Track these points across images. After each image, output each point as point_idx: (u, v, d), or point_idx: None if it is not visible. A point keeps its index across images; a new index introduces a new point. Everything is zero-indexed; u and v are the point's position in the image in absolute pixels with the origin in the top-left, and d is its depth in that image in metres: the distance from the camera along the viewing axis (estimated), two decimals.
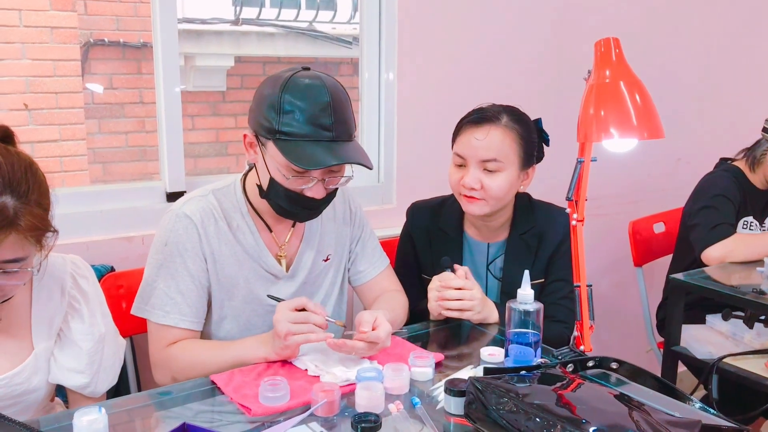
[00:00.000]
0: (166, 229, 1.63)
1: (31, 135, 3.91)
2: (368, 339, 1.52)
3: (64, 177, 4.10)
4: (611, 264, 3.14)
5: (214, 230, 1.65)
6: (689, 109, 3.29)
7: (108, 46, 4.39)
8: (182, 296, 1.61)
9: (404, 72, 2.48)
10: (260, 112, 1.55)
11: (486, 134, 1.81)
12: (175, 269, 1.61)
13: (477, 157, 1.82)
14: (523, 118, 1.87)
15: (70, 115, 4.07)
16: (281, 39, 4.82)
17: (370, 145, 2.52)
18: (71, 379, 1.48)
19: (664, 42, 3.13)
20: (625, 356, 3.05)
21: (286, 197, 1.58)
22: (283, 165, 1.53)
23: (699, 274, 2.27)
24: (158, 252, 1.63)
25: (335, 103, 1.52)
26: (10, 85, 3.84)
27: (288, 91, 1.51)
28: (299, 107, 1.50)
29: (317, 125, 1.50)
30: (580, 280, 1.55)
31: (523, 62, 2.73)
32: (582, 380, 1.39)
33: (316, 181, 1.56)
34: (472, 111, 1.89)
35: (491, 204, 1.84)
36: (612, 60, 1.43)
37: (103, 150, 4.37)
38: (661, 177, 3.24)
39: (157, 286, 1.62)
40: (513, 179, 1.85)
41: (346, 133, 1.55)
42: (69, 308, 1.46)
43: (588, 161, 1.50)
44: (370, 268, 1.89)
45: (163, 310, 1.61)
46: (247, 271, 1.68)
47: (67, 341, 1.47)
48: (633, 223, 2.78)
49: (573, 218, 1.55)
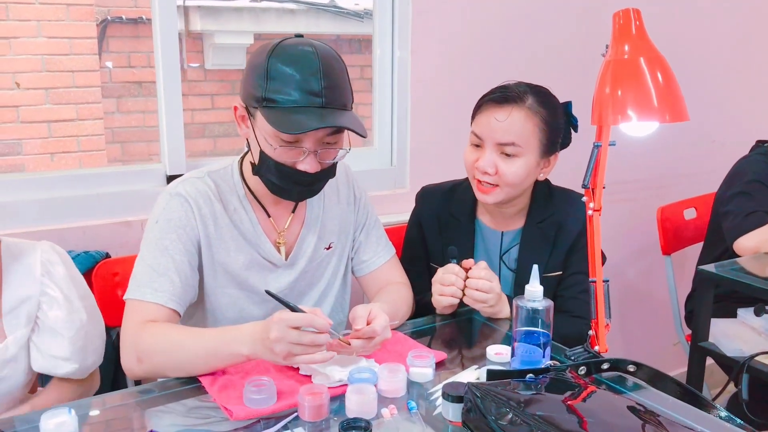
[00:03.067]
0: (158, 208, 1.54)
1: (48, 114, 3.86)
2: (364, 335, 1.40)
3: (81, 157, 4.05)
4: (639, 252, 2.99)
5: (209, 212, 1.55)
6: (724, 86, 3.10)
7: (125, 24, 4.31)
8: (167, 274, 1.49)
9: (418, 49, 2.35)
10: (249, 80, 1.45)
11: (507, 115, 1.68)
12: (164, 246, 1.50)
13: (494, 139, 1.70)
14: (551, 101, 1.73)
15: (87, 94, 4.01)
16: (302, 15, 4.68)
17: (382, 126, 2.41)
18: (60, 368, 1.44)
19: (697, 13, 2.94)
20: (653, 349, 2.97)
21: (277, 171, 1.47)
22: (270, 134, 1.43)
23: (731, 265, 2.12)
24: (150, 230, 1.53)
25: (326, 69, 1.41)
26: (26, 63, 3.79)
27: (275, 56, 1.41)
28: (287, 72, 1.40)
29: (306, 91, 1.40)
30: (596, 275, 1.42)
31: (544, 39, 2.57)
32: (594, 387, 1.27)
33: (308, 153, 1.45)
34: (496, 88, 1.75)
35: (505, 191, 1.72)
36: (632, 33, 1.28)
37: (121, 129, 4.31)
38: (694, 160, 3.06)
39: (143, 263, 1.50)
40: (531, 166, 1.71)
41: (338, 100, 1.44)
42: (43, 296, 1.40)
43: (606, 146, 1.37)
44: (375, 258, 1.78)
45: (151, 287, 1.47)
46: (243, 257, 1.59)
47: (47, 329, 1.42)
48: (662, 209, 2.62)
49: (589, 207, 1.42)
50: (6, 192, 1.90)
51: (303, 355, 1.29)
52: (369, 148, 2.43)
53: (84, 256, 1.87)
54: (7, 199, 1.90)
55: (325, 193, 1.66)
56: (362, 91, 2.47)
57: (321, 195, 1.64)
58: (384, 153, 2.43)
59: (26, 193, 1.93)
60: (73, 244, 1.92)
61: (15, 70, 3.73)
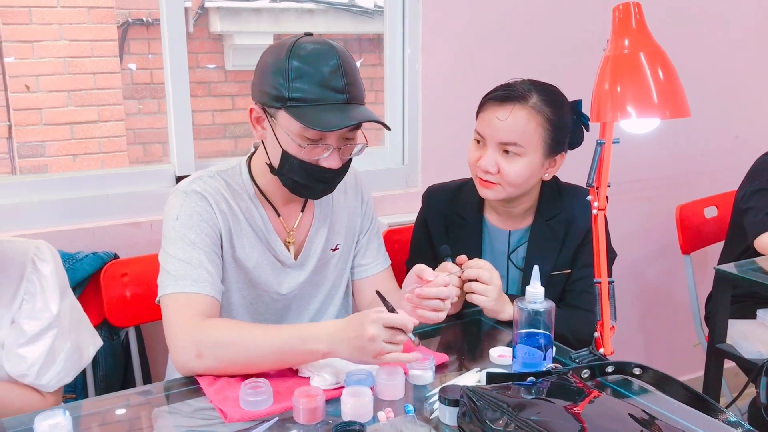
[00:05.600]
0: (175, 205, 1.51)
1: (70, 116, 3.90)
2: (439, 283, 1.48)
3: (103, 158, 4.09)
4: (659, 250, 2.93)
5: (227, 208, 1.54)
6: (748, 81, 3.02)
7: (146, 26, 4.35)
8: (204, 265, 1.46)
9: (429, 47, 2.33)
10: (266, 81, 1.44)
11: (509, 114, 1.65)
12: (192, 240, 1.47)
13: (496, 138, 1.67)
14: (557, 100, 1.69)
15: (108, 96, 4.05)
16: (321, 15, 4.68)
17: (394, 125, 2.38)
18: (9, 364, 1.37)
19: (723, 8, 2.86)
20: (673, 350, 2.91)
21: (302, 169, 1.47)
22: (296, 134, 1.43)
23: (749, 264, 2.07)
24: (171, 228, 1.49)
25: (345, 65, 1.42)
26: (48, 66, 3.84)
27: (295, 56, 1.41)
28: (308, 71, 1.40)
29: (329, 87, 1.41)
30: (600, 275, 1.39)
31: (556, 35, 2.52)
32: (597, 391, 1.24)
33: (332, 150, 1.45)
34: (500, 86, 1.72)
35: (507, 190, 1.68)
36: (632, 27, 1.25)
37: (142, 131, 4.35)
38: (716, 156, 2.99)
39: (175, 258, 1.46)
40: (535, 166, 1.68)
41: (358, 96, 1.46)
42: (26, 293, 1.39)
43: (609, 143, 1.34)
44: (374, 264, 1.77)
45: (191, 279, 1.43)
46: (257, 254, 1.58)
47: (15, 325, 1.39)
48: (680, 207, 2.56)
49: (594, 206, 1.39)
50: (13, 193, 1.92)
51: (393, 353, 1.31)
52: (380, 147, 2.42)
53: (92, 257, 1.88)
54: (21, 200, 1.92)
55: (333, 194, 1.65)
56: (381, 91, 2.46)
57: (330, 195, 1.63)
58: (395, 152, 2.41)
59: (40, 194, 1.94)
60: (82, 245, 1.93)
61: (38, 73, 3.78)
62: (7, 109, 3.73)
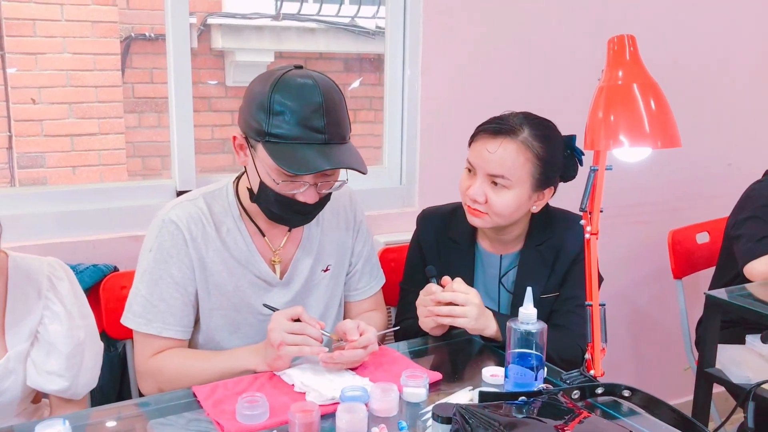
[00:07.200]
0: (152, 235, 1.58)
1: (71, 128, 3.93)
2: (359, 345, 1.47)
3: (102, 170, 4.12)
4: (650, 275, 2.96)
5: (201, 236, 1.58)
6: (741, 109, 3.07)
7: (149, 41, 4.40)
8: (165, 304, 1.55)
9: (429, 69, 2.37)
10: (249, 112, 1.47)
11: (498, 146, 1.67)
12: (159, 276, 1.55)
13: (485, 169, 1.70)
14: (549, 135, 1.71)
15: (109, 109, 4.09)
16: (322, 34, 4.73)
17: (392, 145, 2.43)
18: (51, 383, 1.45)
19: (715, 37, 2.92)
20: (664, 374, 2.93)
21: (277, 202, 1.50)
22: (273, 169, 1.45)
23: (739, 291, 2.10)
24: (143, 258, 1.58)
25: (328, 104, 1.43)
26: (51, 78, 3.87)
27: (278, 91, 1.42)
28: (290, 108, 1.41)
29: (309, 127, 1.42)
30: (592, 298, 1.42)
31: (556, 60, 2.57)
32: (588, 412, 1.26)
33: (308, 186, 1.47)
34: (492, 118, 1.74)
35: (494, 220, 1.71)
36: (626, 59, 1.29)
37: (142, 144, 4.38)
38: (709, 183, 3.03)
39: (139, 293, 1.56)
40: (522, 199, 1.71)
41: (339, 135, 1.46)
42: (45, 310, 1.43)
43: (602, 170, 1.37)
44: (367, 288, 1.82)
45: (146, 318, 1.55)
46: (237, 278, 1.61)
47: (45, 344, 1.44)
48: (673, 232, 2.60)
49: (587, 231, 1.42)
50: (15, 205, 1.95)
51: (294, 345, 1.42)
52: (378, 167, 2.45)
53: (92, 269, 1.90)
54: (20, 212, 1.94)
55: (324, 215, 1.68)
56: (380, 110, 2.50)
57: (319, 216, 1.65)
58: (393, 172, 2.45)
59: (40, 206, 1.97)
60: (83, 257, 1.95)
61: (40, 84, 3.82)
62: (8, 119, 3.76)
